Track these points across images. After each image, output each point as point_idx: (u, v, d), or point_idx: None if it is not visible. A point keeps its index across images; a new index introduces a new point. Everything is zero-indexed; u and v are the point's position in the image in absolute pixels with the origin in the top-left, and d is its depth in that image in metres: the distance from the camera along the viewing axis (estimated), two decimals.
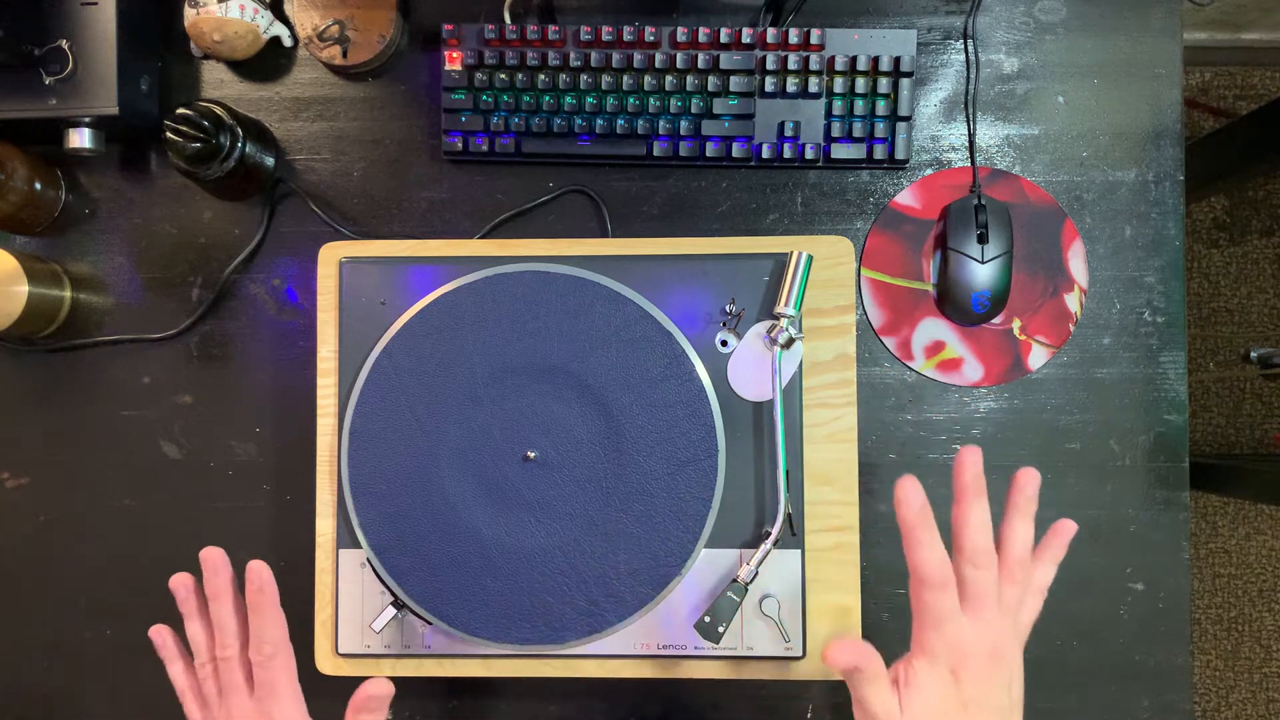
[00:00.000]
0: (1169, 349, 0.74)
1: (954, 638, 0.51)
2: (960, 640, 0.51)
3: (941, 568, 0.51)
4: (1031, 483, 0.54)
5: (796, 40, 0.71)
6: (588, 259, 0.68)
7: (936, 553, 0.52)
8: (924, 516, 0.52)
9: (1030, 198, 0.74)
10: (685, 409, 0.66)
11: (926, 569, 0.51)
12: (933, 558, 0.51)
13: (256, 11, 0.73)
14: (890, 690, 0.51)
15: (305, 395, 0.73)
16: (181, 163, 0.69)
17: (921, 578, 0.51)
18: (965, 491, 0.53)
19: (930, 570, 0.51)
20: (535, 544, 0.66)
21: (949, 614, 0.51)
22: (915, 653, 0.52)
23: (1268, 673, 1.61)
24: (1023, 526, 0.54)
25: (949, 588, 0.51)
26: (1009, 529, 0.54)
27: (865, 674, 0.51)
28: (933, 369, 0.74)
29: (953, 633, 0.51)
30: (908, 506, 0.52)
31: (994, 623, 0.52)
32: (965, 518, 0.53)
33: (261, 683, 0.57)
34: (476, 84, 0.72)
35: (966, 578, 0.52)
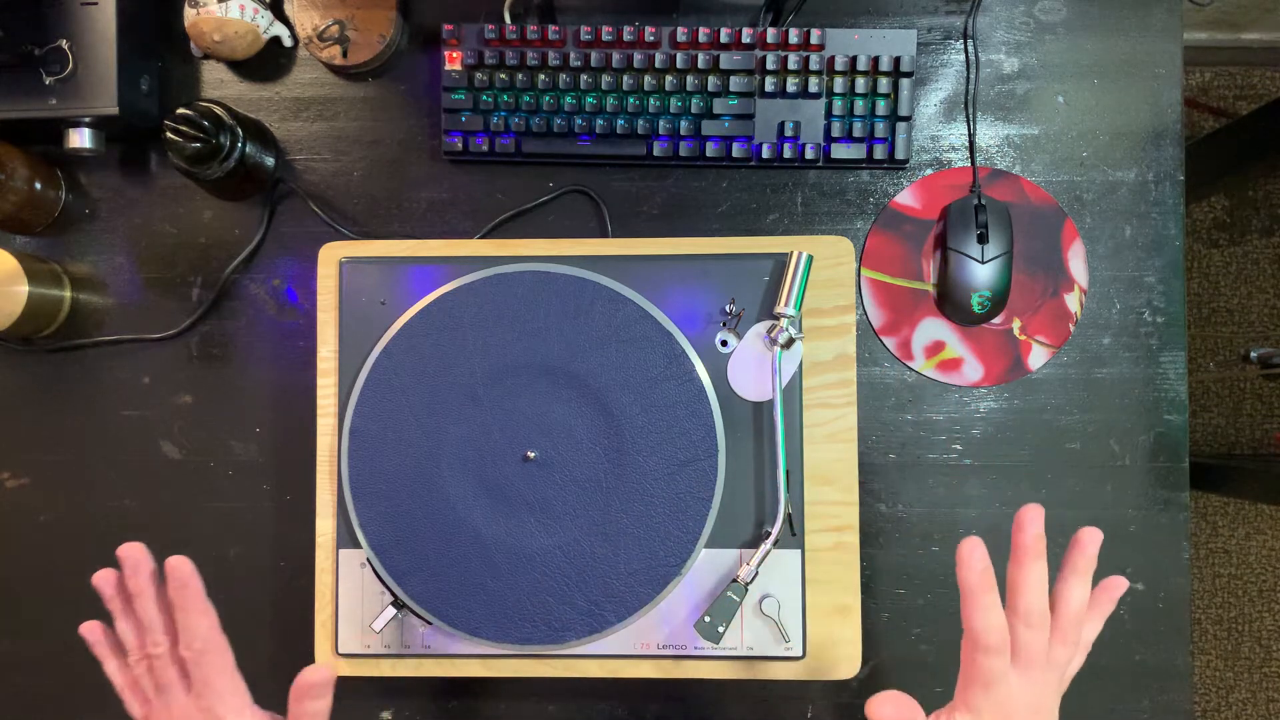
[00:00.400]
0: (1169, 349, 0.74)
1: (1002, 699, 0.51)
2: (1007, 700, 0.51)
3: (1000, 634, 0.51)
4: (1093, 543, 0.53)
5: (796, 40, 0.71)
6: (588, 259, 0.68)
7: (995, 618, 0.51)
8: (986, 579, 0.51)
9: (1030, 198, 0.74)
10: (685, 409, 0.66)
11: (985, 634, 0.51)
12: (992, 623, 0.51)
13: (256, 11, 0.73)
14: None
15: (305, 395, 0.73)
16: (181, 163, 0.69)
17: (978, 642, 0.51)
18: (1025, 552, 0.52)
19: (988, 636, 0.51)
20: (535, 544, 0.66)
21: (1000, 677, 0.51)
22: (959, 707, 0.52)
23: (1268, 673, 1.61)
24: (1080, 588, 0.53)
25: (1004, 652, 0.51)
26: (1066, 589, 0.53)
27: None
28: (933, 369, 0.74)
29: (1002, 694, 0.51)
30: (970, 569, 0.51)
31: (1041, 682, 0.52)
32: (1024, 579, 0.52)
33: (197, 679, 0.55)
34: (476, 84, 0.72)
35: (1020, 638, 0.51)
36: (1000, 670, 0.51)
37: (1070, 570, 0.53)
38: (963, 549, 0.52)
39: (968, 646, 0.52)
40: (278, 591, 0.75)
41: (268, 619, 0.75)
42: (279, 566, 0.75)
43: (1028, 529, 0.52)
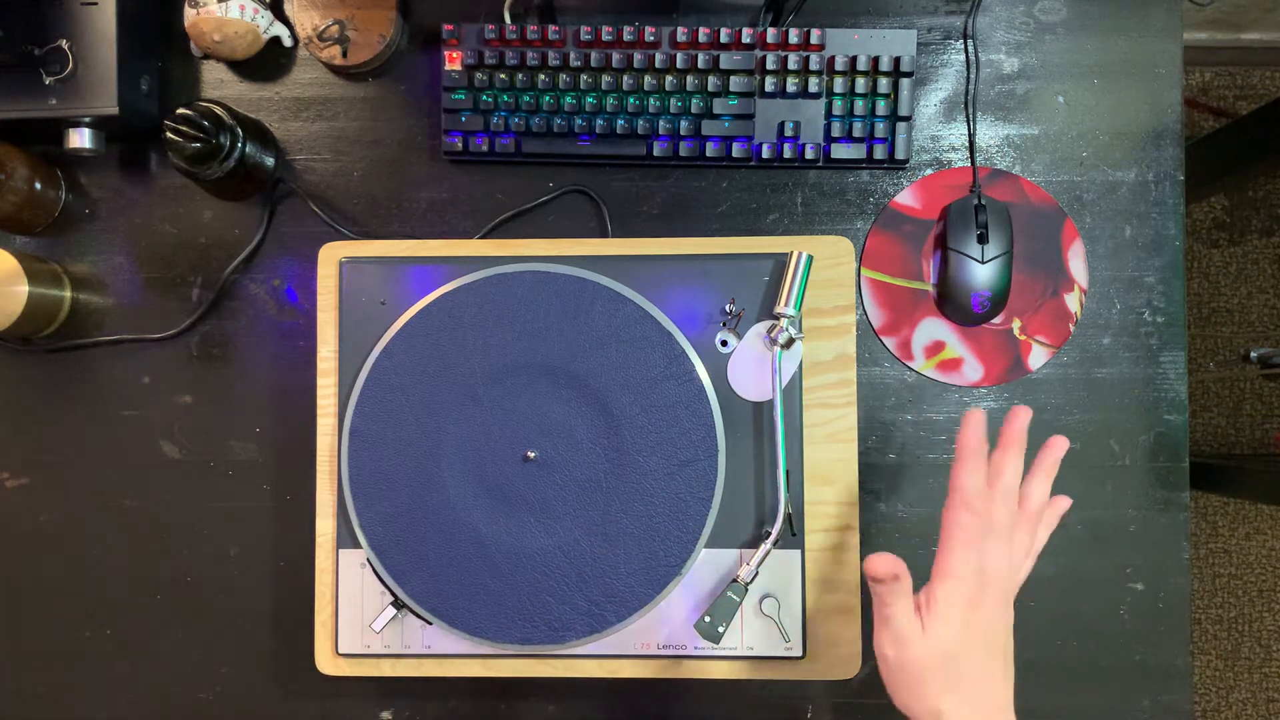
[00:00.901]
0: (1169, 349, 0.74)
1: (977, 564, 0.54)
2: (982, 567, 0.54)
3: (981, 494, 0.55)
4: (1060, 449, 0.60)
5: (796, 40, 0.71)
6: (588, 259, 0.68)
7: (981, 480, 0.56)
8: (983, 445, 0.57)
9: (1030, 198, 0.74)
10: (685, 409, 0.66)
11: (970, 491, 0.55)
12: (976, 483, 0.55)
13: (256, 11, 0.73)
14: (914, 615, 0.54)
15: (305, 395, 0.73)
16: (181, 163, 0.69)
17: (964, 497, 0.55)
18: (1012, 440, 0.58)
19: (973, 492, 0.55)
20: (535, 544, 0.66)
21: (978, 540, 0.55)
22: (937, 577, 0.55)
23: (1268, 673, 1.61)
24: (1042, 484, 0.60)
25: (983, 515, 0.55)
26: (1032, 484, 0.59)
27: (900, 586, 0.53)
28: (933, 369, 0.74)
29: (977, 559, 0.54)
30: (973, 431, 0.57)
31: (1007, 561, 0.56)
32: (1006, 463, 0.57)
33: None
34: (476, 84, 0.72)
35: (994, 512, 0.56)
36: (979, 533, 0.55)
37: (1039, 468, 0.60)
38: (970, 415, 0.58)
39: (951, 506, 0.56)
40: (278, 591, 0.75)
41: (268, 619, 0.75)
42: (279, 566, 0.75)
43: (1015, 422, 0.59)
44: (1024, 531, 0.58)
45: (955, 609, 0.53)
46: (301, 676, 0.74)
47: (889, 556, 0.53)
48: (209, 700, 0.75)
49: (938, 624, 0.53)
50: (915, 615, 0.54)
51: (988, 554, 0.55)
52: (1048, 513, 0.60)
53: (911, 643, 0.53)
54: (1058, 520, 0.61)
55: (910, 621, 0.53)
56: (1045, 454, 0.60)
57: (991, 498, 0.56)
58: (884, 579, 0.53)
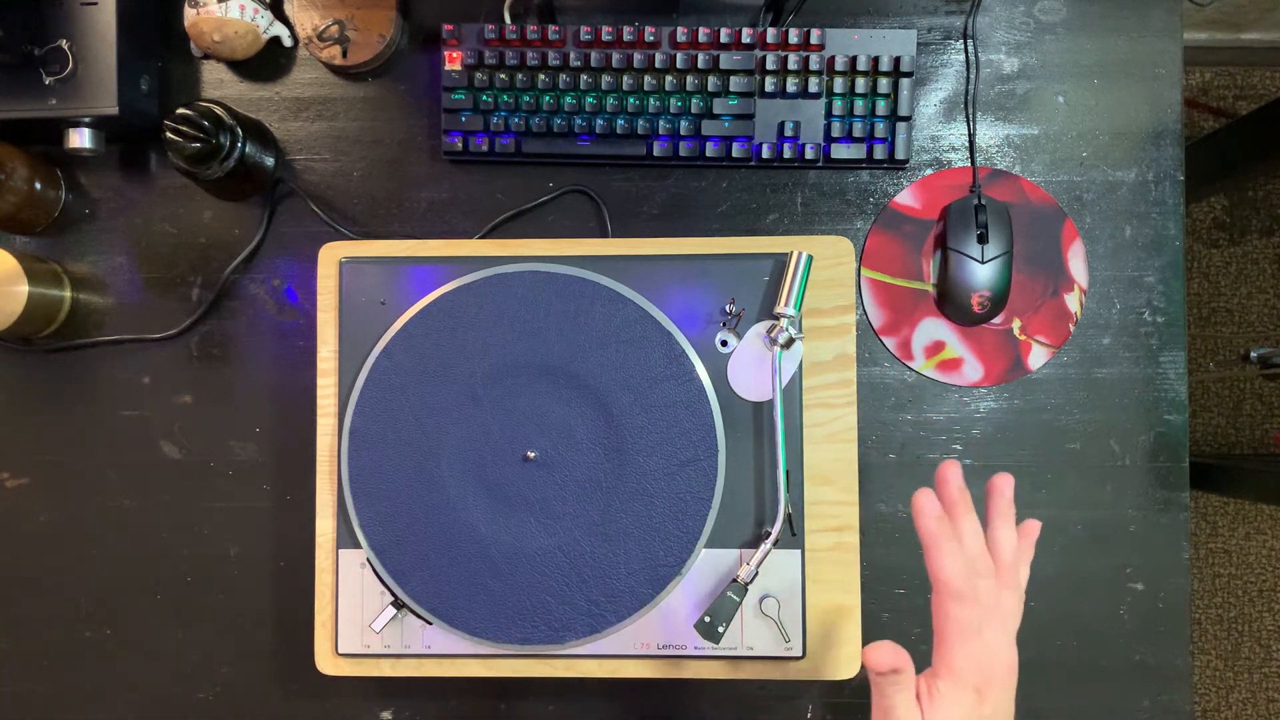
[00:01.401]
0: (1169, 349, 0.74)
1: (980, 655, 0.51)
2: (985, 654, 0.51)
3: (966, 577, 0.51)
4: (1009, 487, 0.56)
5: (796, 40, 0.71)
6: (588, 259, 0.68)
7: (959, 561, 0.52)
8: (943, 525, 0.52)
9: (1030, 198, 0.74)
10: (685, 409, 0.66)
11: (952, 579, 0.51)
12: (956, 566, 0.51)
13: (256, 11, 0.73)
14: (914, 704, 0.51)
15: (305, 395, 0.73)
16: (181, 163, 0.69)
17: (948, 588, 0.51)
18: (954, 506, 0.54)
19: (956, 580, 0.51)
20: (535, 544, 0.66)
21: (974, 628, 0.51)
22: (940, 670, 0.52)
23: (1268, 673, 1.61)
24: (1009, 531, 0.55)
25: (973, 600, 0.52)
26: (996, 534, 0.55)
27: (901, 680, 0.50)
28: (933, 369, 0.74)
29: (978, 650, 0.51)
30: (926, 515, 0.52)
31: (1005, 634, 0.52)
32: (961, 530, 0.53)
33: None
34: (476, 84, 0.72)
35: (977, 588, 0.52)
36: (975, 620, 0.51)
37: (996, 515, 0.55)
38: (916, 500, 0.53)
39: (938, 599, 0.52)
40: (278, 591, 0.75)
41: (268, 619, 0.75)
42: (279, 566, 0.75)
43: (950, 482, 0.54)
44: (1009, 589, 0.54)
45: (960, 705, 0.51)
46: (301, 676, 0.74)
47: (889, 648, 0.50)
48: (209, 700, 0.75)
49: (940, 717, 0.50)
50: (915, 706, 0.51)
51: (986, 638, 0.52)
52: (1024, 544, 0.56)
53: None
54: (1033, 548, 0.57)
55: (910, 714, 0.50)
56: (994, 498, 0.56)
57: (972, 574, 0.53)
58: (884, 672, 0.50)
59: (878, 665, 0.50)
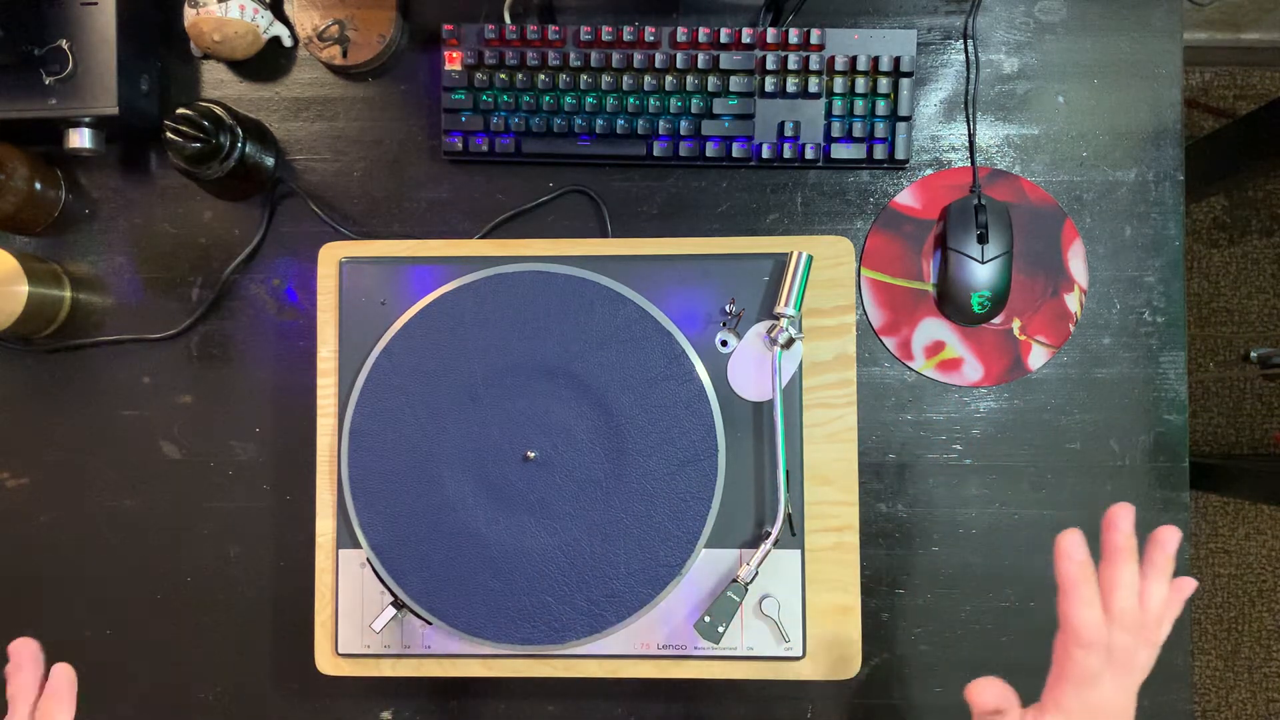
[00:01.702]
0: (1169, 349, 0.74)
1: (1096, 701, 0.50)
2: (1100, 704, 0.50)
3: (1098, 629, 0.50)
4: (1173, 541, 0.53)
5: (796, 40, 0.71)
6: (588, 259, 0.68)
7: (1095, 612, 0.51)
8: (1086, 571, 0.51)
9: (1030, 198, 0.74)
10: (685, 409, 0.66)
11: (1085, 629, 0.50)
12: (1091, 617, 0.50)
13: (256, 11, 0.73)
14: None
15: (305, 395, 0.73)
16: (181, 163, 0.69)
17: (1078, 636, 0.50)
18: (1118, 552, 0.52)
19: (1087, 630, 0.50)
20: (535, 544, 0.66)
21: (1095, 676, 0.50)
22: (1049, 706, 0.51)
23: (1268, 673, 1.61)
24: (1162, 588, 0.53)
25: (1101, 649, 0.50)
26: (1149, 588, 0.52)
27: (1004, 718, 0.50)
28: (933, 369, 0.74)
29: (1094, 696, 0.50)
30: (1070, 560, 0.51)
31: (1127, 686, 0.51)
32: (1118, 578, 0.51)
33: None
34: (476, 84, 0.72)
35: (1114, 639, 0.51)
36: (1097, 669, 0.50)
37: (1152, 568, 0.53)
38: (1062, 540, 0.51)
39: (1064, 642, 0.51)
40: (278, 591, 0.75)
41: (268, 619, 0.75)
42: (279, 566, 0.75)
43: (1120, 526, 0.52)
44: (1148, 645, 0.52)
45: None
46: (301, 676, 0.74)
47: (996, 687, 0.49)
48: (209, 700, 0.75)
49: None
50: None
51: (1104, 689, 0.50)
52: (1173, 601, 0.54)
53: None
54: (1181, 605, 0.54)
55: None
56: (1155, 551, 0.53)
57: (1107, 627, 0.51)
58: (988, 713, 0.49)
59: (982, 706, 0.49)
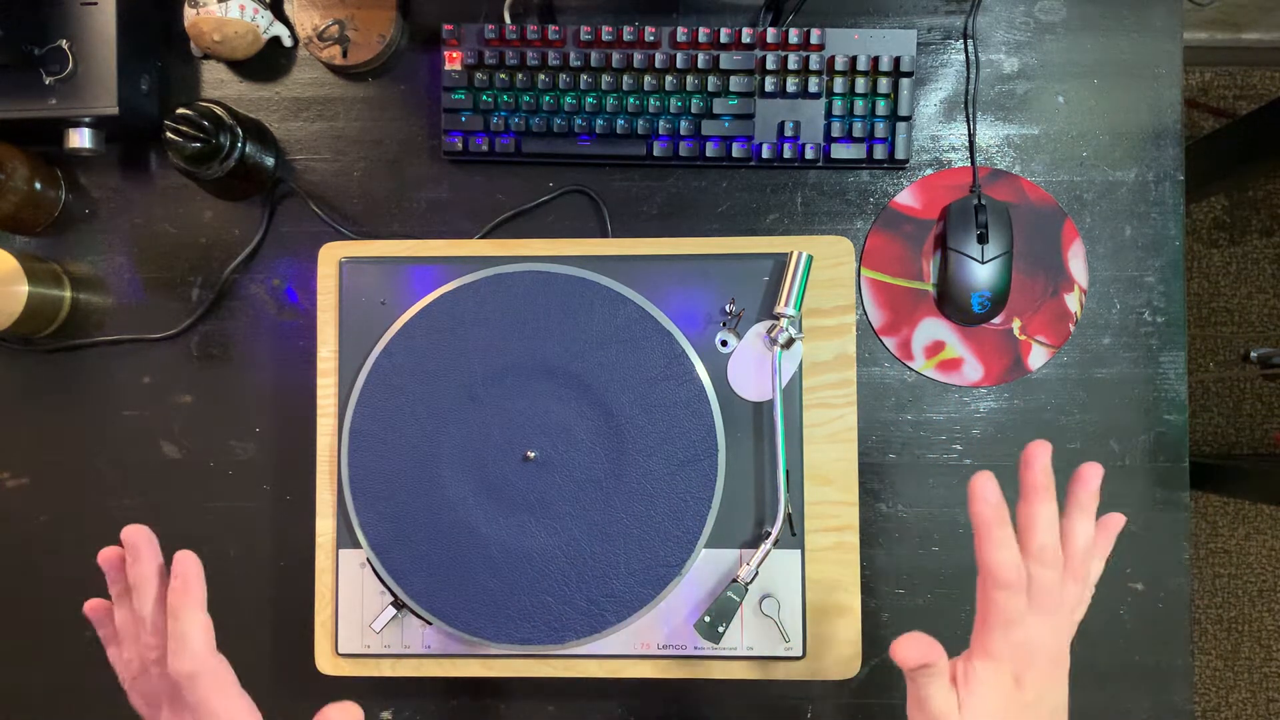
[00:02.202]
0: (1169, 349, 0.74)
1: (1021, 641, 0.50)
2: (1027, 643, 0.50)
3: (1015, 569, 0.50)
4: (1095, 477, 0.53)
5: (796, 40, 0.71)
6: (588, 259, 0.68)
7: (1011, 553, 0.50)
8: (1000, 512, 0.50)
9: (1030, 198, 0.74)
10: (685, 409, 0.66)
11: (1001, 569, 0.50)
12: (1007, 558, 0.50)
13: (256, 11, 0.73)
14: (950, 688, 0.50)
15: (305, 395, 0.73)
16: (181, 163, 0.69)
17: (995, 577, 0.50)
18: (1036, 489, 0.51)
19: (1004, 571, 0.50)
20: (535, 544, 0.66)
21: (1018, 616, 0.50)
22: (977, 652, 0.51)
23: (1268, 673, 1.61)
24: (1085, 523, 0.53)
25: (1021, 589, 0.50)
26: (1072, 525, 0.52)
27: (933, 670, 0.49)
28: (933, 369, 0.74)
29: (1020, 636, 0.50)
30: (983, 501, 0.50)
31: (1058, 624, 0.51)
32: (1035, 516, 0.51)
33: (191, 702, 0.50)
34: (476, 84, 0.72)
35: (1035, 577, 0.50)
36: (1019, 609, 0.50)
37: (1075, 506, 0.53)
38: (975, 482, 0.51)
39: (984, 586, 0.51)
40: (278, 591, 0.75)
41: (268, 619, 0.75)
42: (279, 566, 0.75)
43: (1035, 464, 0.51)
44: (1075, 581, 0.52)
45: (997, 689, 0.50)
46: (301, 676, 0.74)
47: (920, 642, 0.48)
48: None
49: (976, 703, 0.49)
50: (951, 691, 0.50)
51: (1030, 628, 0.50)
52: (1100, 537, 0.54)
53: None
54: (1111, 544, 0.54)
55: (947, 700, 0.49)
56: (1078, 488, 0.53)
57: (1026, 565, 0.50)
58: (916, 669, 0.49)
59: (907, 661, 0.48)
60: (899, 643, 0.49)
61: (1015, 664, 0.50)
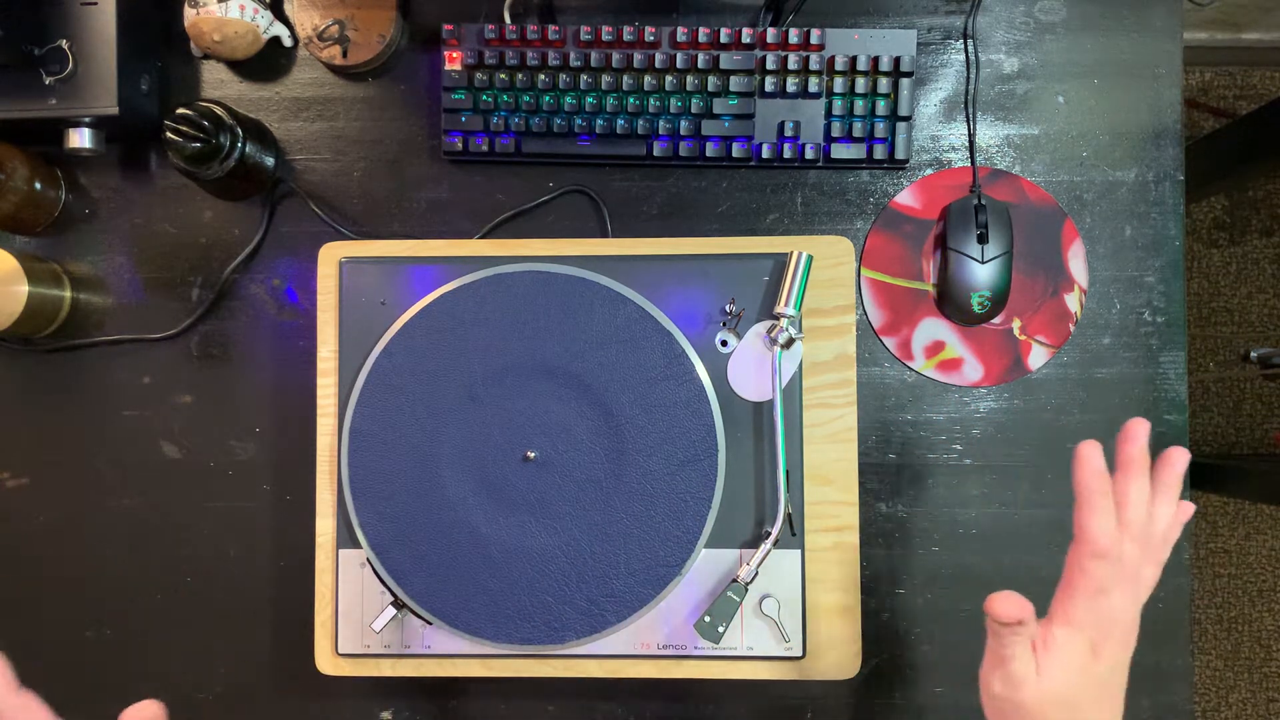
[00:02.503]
0: (1169, 349, 0.74)
1: (1105, 612, 0.50)
2: (1110, 614, 0.51)
3: (1113, 538, 0.50)
4: (1182, 462, 0.53)
5: (796, 40, 0.71)
6: (588, 259, 0.68)
7: (1111, 522, 0.50)
8: (1103, 481, 0.51)
9: (1030, 198, 0.74)
10: (685, 409, 0.66)
11: (1100, 537, 0.50)
12: (1107, 526, 0.50)
13: (256, 11, 0.73)
14: (1030, 652, 0.50)
15: (305, 395, 0.73)
16: (181, 163, 0.69)
17: (1093, 544, 0.50)
18: (1132, 463, 0.52)
19: (1103, 539, 0.50)
20: (535, 544, 0.66)
21: (1106, 588, 0.50)
22: (1058, 618, 0.51)
23: (1268, 673, 1.61)
24: (1168, 506, 0.53)
25: (1115, 559, 0.50)
26: (1157, 507, 0.53)
27: (1023, 630, 0.49)
28: (933, 369, 0.74)
29: (1104, 606, 0.50)
30: (1089, 468, 0.51)
31: (1135, 601, 0.52)
32: (1129, 491, 0.52)
33: None
34: (476, 84, 0.72)
35: (1124, 551, 0.51)
36: (1110, 578, 0.50)
37: (1161, 487, 0.53)
38: (1082, 448, 0.51)
39: (1077, 553, 0.51)
40: (278, 591, 0.75)
41: (268, 619, 0.75)
42: (279, 566, 0.75)
43: (1138, 440, 0.52)
44: (1152, 563, 0.52)
45: (1075, 656, 0.50)
46: (301, 676, 0.74)
47: (1015, 599, 0.49)
48: (209, 700, 0.75)
49: (1055, 668, 0.50)
50: (1031, 655, 0.50)
51: (1114, 600, 0.51)
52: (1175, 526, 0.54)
53: (1025, 685, 0.50)
54: (1179, 532, 0.54)
55: (1027, 663, 0.50)
56: (1165, 470, 0.53)
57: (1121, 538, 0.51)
58: (1010, 623, 0.49)
59: (1005, 617, 0.48)
60: (998, 598, 0.49)
61: (1095, 633, 0.50)
